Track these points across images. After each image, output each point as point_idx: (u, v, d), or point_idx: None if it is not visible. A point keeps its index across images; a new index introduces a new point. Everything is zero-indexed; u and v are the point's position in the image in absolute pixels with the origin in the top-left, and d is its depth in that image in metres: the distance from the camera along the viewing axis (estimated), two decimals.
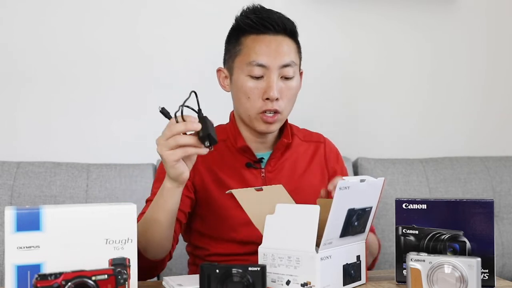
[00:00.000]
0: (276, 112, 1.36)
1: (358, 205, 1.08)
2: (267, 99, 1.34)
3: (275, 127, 1.39)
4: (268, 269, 1.05)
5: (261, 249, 1.09)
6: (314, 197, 1.40)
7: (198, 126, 1.09)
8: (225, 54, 1.46)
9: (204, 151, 1.12)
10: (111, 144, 2.05)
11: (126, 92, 2.06)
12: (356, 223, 1.10)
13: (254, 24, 1.36)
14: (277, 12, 1.41)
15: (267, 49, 1.35)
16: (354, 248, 1.12)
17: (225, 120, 1.52)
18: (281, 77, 1.36)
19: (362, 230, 1.13)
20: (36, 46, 2.01)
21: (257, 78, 1.35)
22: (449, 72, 2.31)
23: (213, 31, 2.08)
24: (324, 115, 2.20)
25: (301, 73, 1.47)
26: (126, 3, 2.07)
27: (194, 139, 1.11)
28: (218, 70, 1.47)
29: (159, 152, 1.13)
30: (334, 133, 1.88)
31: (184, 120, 1.11)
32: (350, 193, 1.04)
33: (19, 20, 2.00)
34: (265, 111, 1.35)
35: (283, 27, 1.37)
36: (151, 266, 1.29)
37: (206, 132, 1.09)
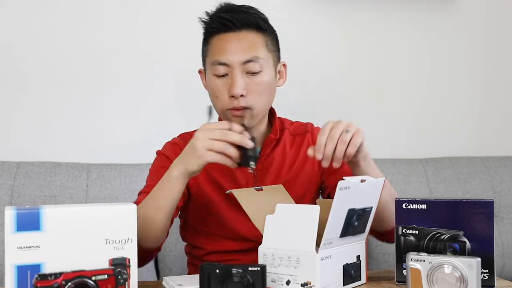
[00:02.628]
0: (245, 108, 1.34)
1: (358, 205, 1.08)
2: (232, 96, 1.33)
3: (247, 122, 1.35)
4: (268, 269, 1.05)
5: (261, 249, 1.09)
6: (305, 188, 1.42)
7: (251, 144, 1.11)
8: (202, 56, 1.46)
9: (232, 166, 1.15)
10: (111, 144, 2.05)
11: (126, 92, 2.06)
12: (356, 223, 1.10)
13: (215, 24, 1.36)
14: (245, 7, 1.38)
15: (228, 46, 1.33)
16: (354, 248, 1.12)
17: None
18: (247, 73, 1.33)
19: (362, 230, 1.13)
20: (36, 46, 2.01)
21: (222, 76, 1.34)
22: (449, 72, 2.31)
23: None
24: (323, 114, 2.18)
25: (284, 65, 1.44)
26: (126, 3, 2.07)
27: (238, 153, 1.12)
28: (199, 72, 1.47)
29: (197, 145, 1.13)
30: None
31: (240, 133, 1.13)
32: (350, 193, 1.04)
33: (19, 20, 2.00)
34: (231, 109, 1.34)
35: (244, 21, 1.34)
36: (142, 256, 1.24)
37: (255, 154, 1.11)
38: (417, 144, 2.27)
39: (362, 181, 1.08)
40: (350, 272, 1.11)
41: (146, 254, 1.29)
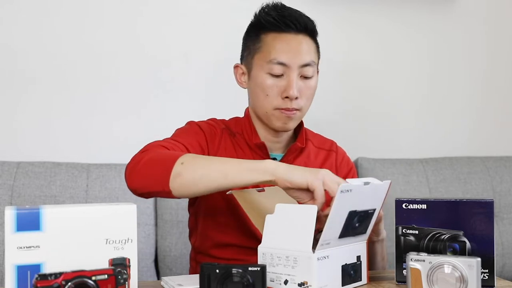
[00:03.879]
0: (295, 110, 1.36)
1: (360, 207, 1.08)
2: (286, 97, 1.34)
3: (293, 125, 1.39)
4: (267, 269, 1.05)
5: (260, 248, 1.09)
6: None
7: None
8: (243, 50, 1.44)
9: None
10: (111, 144, 2.05)
11: (125, 93, 2.07)
12: (357, 225, 1.09)
13: (276, 21, 1.35)
14: (298, 10, 1.40)
15: (288, 47, 1.34)
16: (354, 248, 1.12)
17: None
18: (301, 76, 1.36)
19: (363, 231, 1.13)
20: (36, 47, 2.01)
21: (277, 76, 1.35)
22: (448, 72, 2.31)
23: (213, 31, 2.08)
24: (325, 115, 2.20)
25: (317, 72, 1.46)
26: (126, 4, 2.07)
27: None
28: (236, 67, 1.46)
29: (319, 178, 1.07)
30: (335, 133, 1.88)
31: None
32: (352, 196, 1.04)
33: (20, 21, 2.00)
34: (283, 109, 1.35)
35: (304, 26, 1.37)
36: (158, 192, 1.18)
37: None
38: (417, 144, 2.27)
39: (366, 183, 1.07)
40: (350, 273, 1.11)
41: (164, 196, 1.19)
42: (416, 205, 1.15)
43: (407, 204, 1.16)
